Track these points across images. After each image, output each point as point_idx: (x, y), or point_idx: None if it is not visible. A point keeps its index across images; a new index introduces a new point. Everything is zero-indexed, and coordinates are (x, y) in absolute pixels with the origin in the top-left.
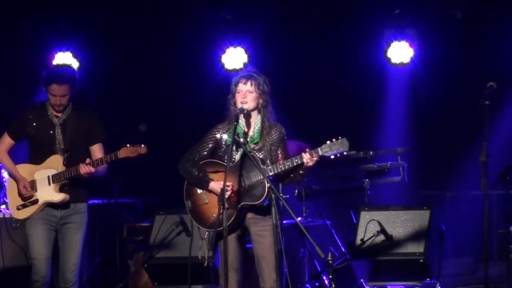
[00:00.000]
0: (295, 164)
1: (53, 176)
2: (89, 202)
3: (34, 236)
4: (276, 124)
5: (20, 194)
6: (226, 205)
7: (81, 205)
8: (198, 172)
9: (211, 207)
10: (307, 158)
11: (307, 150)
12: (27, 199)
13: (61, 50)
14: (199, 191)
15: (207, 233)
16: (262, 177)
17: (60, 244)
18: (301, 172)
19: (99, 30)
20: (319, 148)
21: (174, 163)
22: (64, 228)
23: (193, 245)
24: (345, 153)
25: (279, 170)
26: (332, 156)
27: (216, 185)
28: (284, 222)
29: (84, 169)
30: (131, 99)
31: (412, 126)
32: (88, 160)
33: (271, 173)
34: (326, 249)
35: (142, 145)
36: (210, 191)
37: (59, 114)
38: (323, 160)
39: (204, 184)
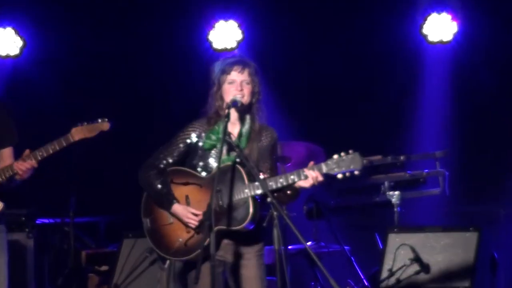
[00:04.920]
0: (289, 182)
1: None
2: (37, 221)
3: None
4: (268, 127)
5: None
6: (194, 227)
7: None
8: (162, 186)
9: (177, 229)
10: (308, 176)
11: (311, 162)
12: None
13: (0, 25)
14: None
15: (168, 262)
16: (246, 195)
17: None
18: (288, 192)
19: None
20: (323, 164)
21: None
22: None
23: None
24: (356, 172)
25: (278, 186)
26: (340, 175)
27: (180, 209)
28: (289, 247)
29: (23, 166)
30: (93, 88)
31: (455, 123)
32: (27, 152)
33: (274, 187)
34: (344, 282)
35: (100, 120)
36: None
37: None
38: (329, 177)
39: (165, 203)
